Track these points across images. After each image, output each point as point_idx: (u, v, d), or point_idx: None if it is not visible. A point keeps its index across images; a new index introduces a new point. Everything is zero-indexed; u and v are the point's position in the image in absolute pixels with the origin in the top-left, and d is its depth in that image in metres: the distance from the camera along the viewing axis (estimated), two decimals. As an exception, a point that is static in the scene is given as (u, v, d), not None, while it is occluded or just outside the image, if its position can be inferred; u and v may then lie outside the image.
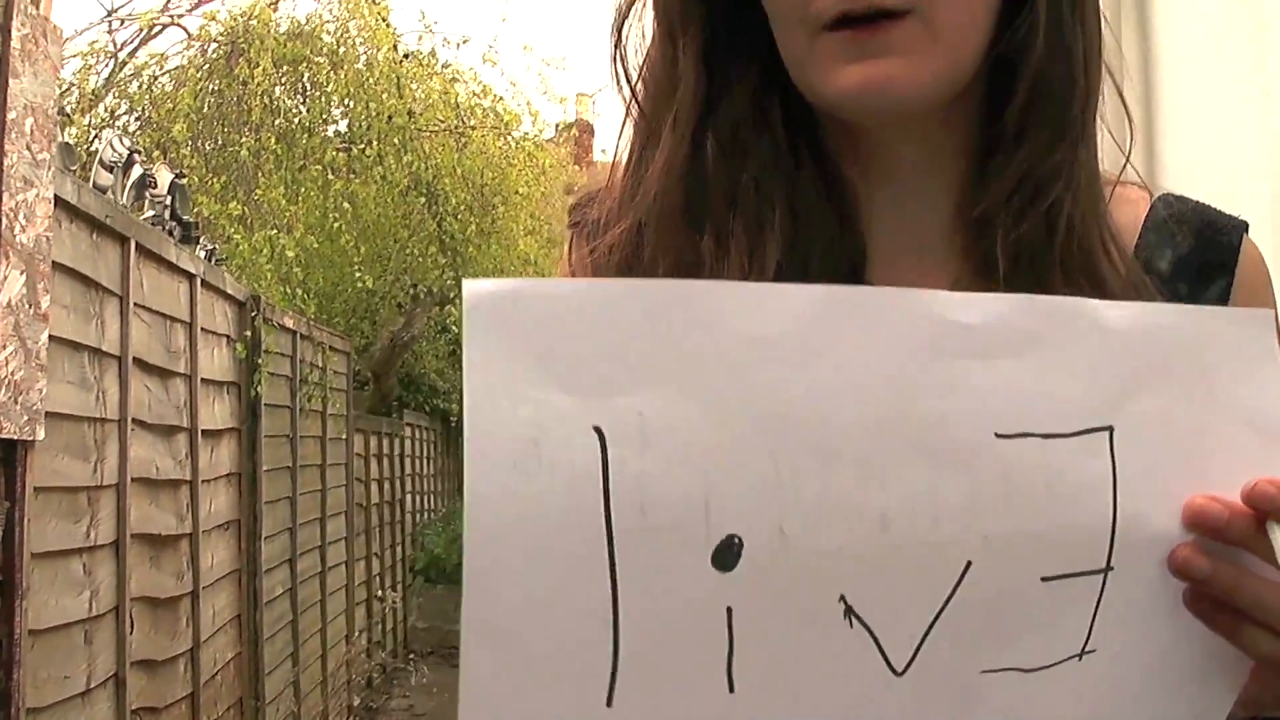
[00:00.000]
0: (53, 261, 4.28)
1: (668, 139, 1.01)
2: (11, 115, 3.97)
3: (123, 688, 5.03)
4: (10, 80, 3.96)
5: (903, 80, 0.91)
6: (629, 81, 1.05)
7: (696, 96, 1.00)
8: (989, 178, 0.98)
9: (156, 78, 9.37)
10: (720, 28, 1.01)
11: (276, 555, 7.74)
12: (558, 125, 33.75)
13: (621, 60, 1.05)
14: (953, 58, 0.93)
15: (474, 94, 12.16)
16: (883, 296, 0.78)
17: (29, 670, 4.12)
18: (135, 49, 10.24)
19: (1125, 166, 1.06)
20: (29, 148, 4.09)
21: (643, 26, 1.05)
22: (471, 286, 0.70)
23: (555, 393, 0.68)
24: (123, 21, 17.60)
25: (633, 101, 1.05)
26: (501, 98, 12.35)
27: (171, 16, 9.80)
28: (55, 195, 4.30)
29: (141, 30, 9.86)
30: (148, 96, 9.17)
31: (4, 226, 3.92)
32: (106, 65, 9.62)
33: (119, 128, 8.69)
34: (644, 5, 1.05)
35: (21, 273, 4.02)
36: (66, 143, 4.99)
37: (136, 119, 9.04)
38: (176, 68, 9.40)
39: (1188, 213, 1.06)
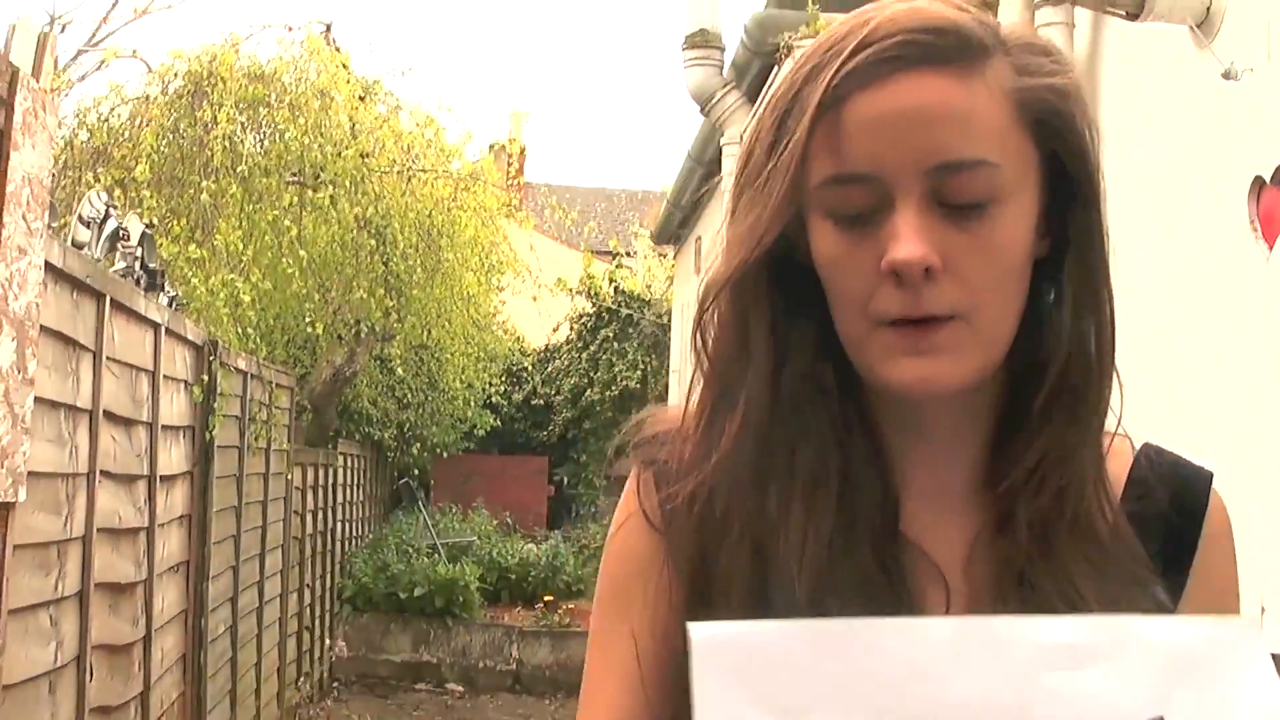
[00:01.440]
0: (40, 326, 4.40)
1: (740, 408, 1.16)
2: (10, 187, 4.09)
3: (80, 735, 5.13)
4: (11, 153, 4.09)
5: (948, 374, 1.09)
6: (707, 350, 1.21)
7: (765, 368, 1.16)
8: (1014, 451, 1.16)
9: (115, 108, 9.43)
10: (783, 297, 1.18)
11: (221, 594, 7.84)
12: (492, 145, 33.85)
13: (701, 335, 1.21)
14: (989, 353, 1.11)
15: (417, 124, 12.34)
16: (999, 626, 1.00)
17: (0, 725, 4.23)
18: (86, 72, 10.30)
19: (1119, 424, 1.22)
20: (24, 217, 4.22)
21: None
22: (699, 631, 0.91)
23: (768, 717, 0.90)
24: (63, 28, 17.52)
25: (705, 364, 1.21)
26: (443, 128, 12.54)
27: (134, 50, 9.88)
28: (45, 260, 4.43)
29: (104, 63, 9.94)
30: (105, 127, 9.23)
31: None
32: (64, 92, 9.68)
33: (78, 165, 8.76)
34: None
35: (13, 340, 4.15)
36: (51, 202, 5.10)
37: (94, 150, 9.09)
38: (137, 98, 9.48)
39: (1165, 468, 1.22)
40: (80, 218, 5.53)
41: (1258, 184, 3.56)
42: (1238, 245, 3.61)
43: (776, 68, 5.42)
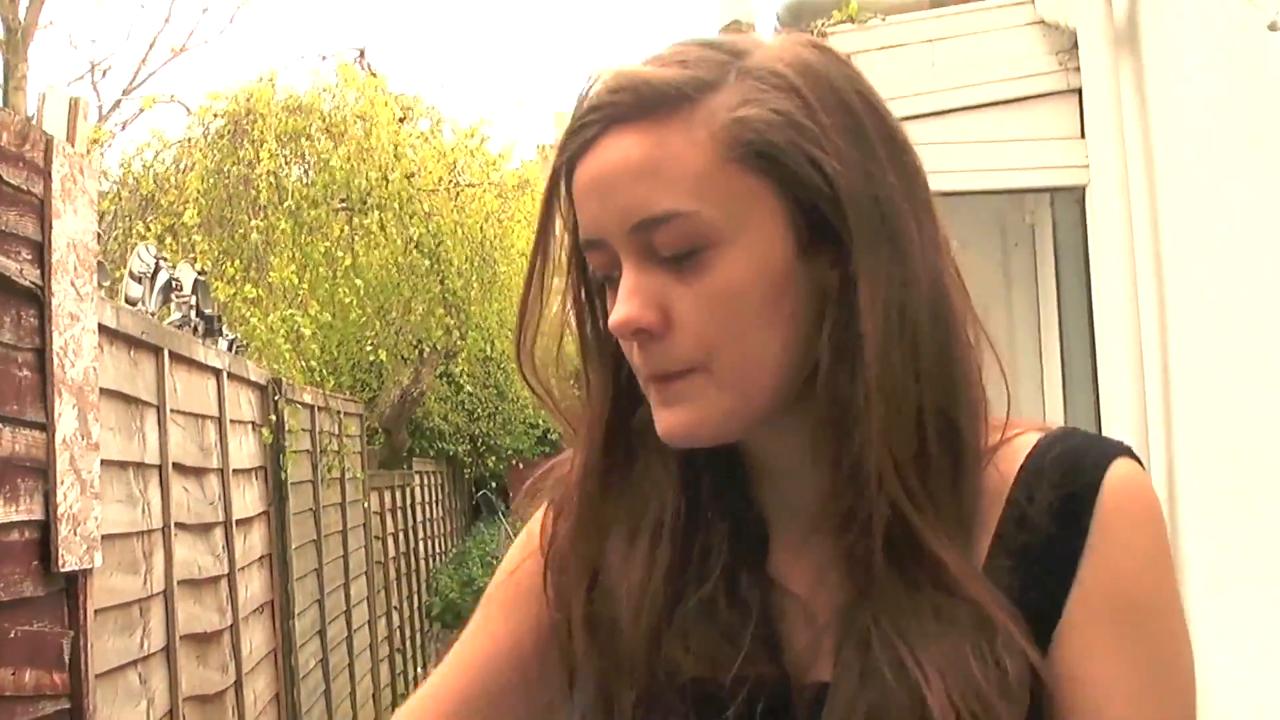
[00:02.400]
0: (99, 389, 4.40)
1: (583, 451, 1.17)
2: (56, 256, 4.10)
3: (179, 787, 5.15)
4: (54, 222, 4.09)
5: (696, 424, 1.06)
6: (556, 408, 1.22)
7: (600, 412, 1.16)
8: (839, 485, 1.08)
9: (159, 154, 9.49)
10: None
11: (308, 629, 7.87)
12: (539, 147, 33.80)
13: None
14: (741, 395, 1.06)
15: (461, 137, 12.34)
16: None
17: (98, 788, 4.25)
18: (126, 119, 10.37)
19: (1007, 417, 1.12)
20: (73, 284, 4.22)
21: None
22: None
23: None
24: (104, 73, 17.62)
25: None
26: (487, 137, 12.54)
27: (172, 94, 9.93)
28: (99, 323, 4.43)
29: (143, 110, 9.99)
30: (150, 174, 9.29)
31: (55, 366, 4.04)
32: (106, 147, 9.75)
33: (125, 215, 8.81)
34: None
35: (74, 407, 4.15)
36: (100, 262, 5.12)
37: (140, 200, 9.15)
38: (179, 141, 9.53)
39: (1056, 461, 1.08)
40: (131, 273, 5.54)
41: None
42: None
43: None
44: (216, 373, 6.22)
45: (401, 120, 10.30)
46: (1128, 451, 1.06)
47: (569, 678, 1.19)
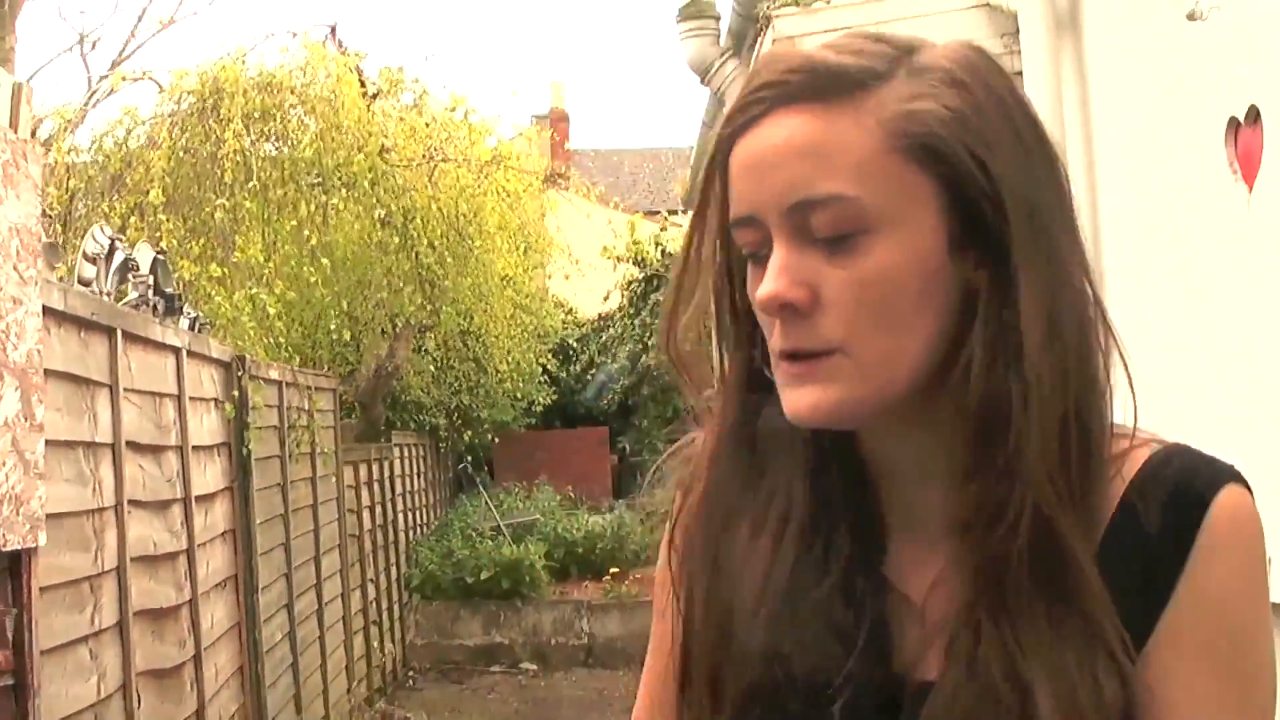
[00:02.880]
0: (44, 370, 4.45)
1: (714, 443, 1.22)
2: (-3, 240, 4.14)
3: (133, 762, 5.22)
4: (-6, 207, 4.13)
5: (825, 404, 1.08)
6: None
7: (735, 405, 1.21)
8: (970, 490, 1.10)
9: (131, 130, 9.51)
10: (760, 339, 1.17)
11: (274, 603, 7.94)
12: (534, 117, 33.82)
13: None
14: (880, 386, 1.07)
15: (446, 107, 12.37)
16: None
17: (44, 764, 4.31)
18: (99, 98, 10.41)
19: (1134, 430, 1.15)
20: (15, 268, 4.26)
21: None
22: None
23: None
24: (93, 45, 17.63)
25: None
26: (473, 109, 12.56)
27: (144, 71, 9.95)
28: (44, 305, 4.47)
29: (114, 90, 10.01)
30: (121, 152, 9.31)
31: (-3, 348, 4.09)
32: (78, 125, 9.78)
33: (95, 192, 8.85)
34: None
35: (16, 389, 4.20)
36: (50, 243, 5.17)
37: (111, 179, 9.18)
38: (150, 119, 9.54)
39: (1166, 478, 1.10)
40: (85, 254, 5.59)
41: (1233, 125, 3.48)
42: (1217, 188, 3.55)
43: (760, 36, 5.37)
44: (175, 351, 6.27)
45: (373, 97, 10.31)
46: (1238, 477, 1.10)
47: (681, 667, 1.22)
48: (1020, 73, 4.57)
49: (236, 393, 7.27)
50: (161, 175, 8.62)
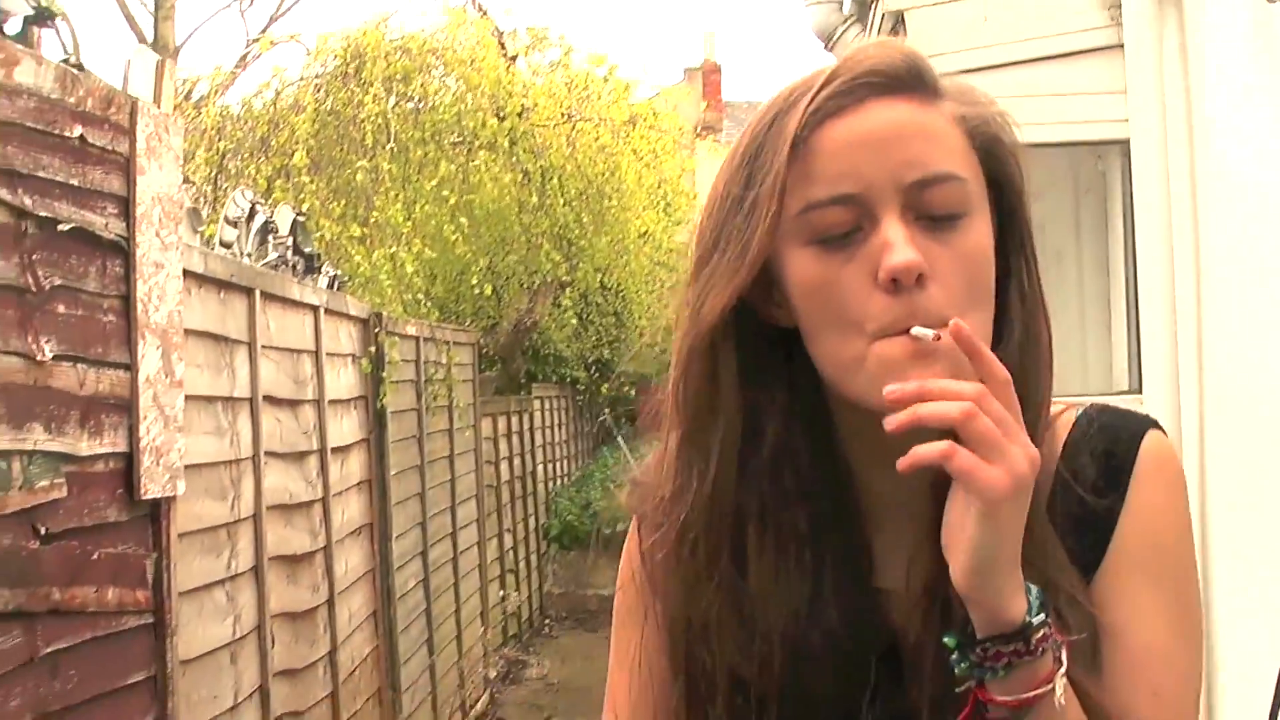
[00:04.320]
0: (184, 329, 4.75)
1: (712, 465, 1.25)
2: (140, 209, 4.43)
3: (267, 697, 5.56)
4: (138, 178, 4.42)
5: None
6: (682, 404, 1.28)
7: (734, 430, 1.24)
8: None
9: (280, 92, 9.88)
10: (750, 359, 1.24)
11: (409, 550, 8.27)
12: (685, 69, 33.69)
13: (681, 388, 1.29)
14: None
15: (589, 64, 12.56)
16: None
17: (181, 696, 4.63)
18: (250, 60, 10.80)
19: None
20: (158, 234, 4.55)
21: None
22: None
23: None
24: (251, 2, 18.08)
25: (682, 423, 1.29)
26: (616, 65, 12.74)
27: (291, 35, 10.30)
28: (184, 269, 4.76)
29: (263, 52, 10.40)
30: (268, 115, 9.67)
31: (140, 310, 4.39)
32: (229, 86, 10.17)
33: (244, 153, 9.22)
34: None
35: (157, 348, 4.50)
36: (193, 208, 5.47)
37: (259, 141, 9.55)
38: (298, 80, 9.90)
39: (1096, 433, 1.25)
40: (226, 218, 5.89)
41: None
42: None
43: (874, 4, 5.45)
44: (313, 309, 6.56)
45: (513, 59, 10.54)
46: (1156, 424, 1.26)
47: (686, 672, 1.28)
48: (1122, 45, 4.59)
49: (373, 348, 7.57)
50: (306, 138, 8.96)
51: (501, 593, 11.57)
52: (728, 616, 1.24)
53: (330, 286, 7.12)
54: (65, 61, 4.10)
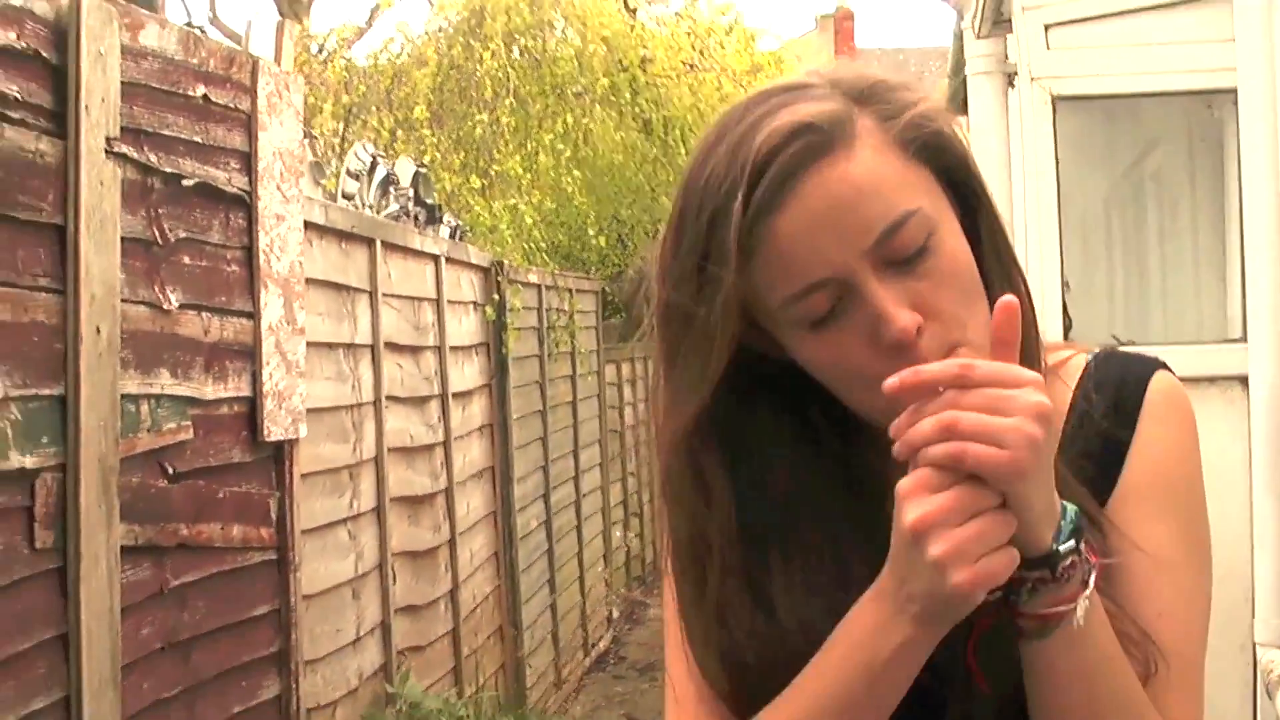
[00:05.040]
0: (306, 279, 4.95)
1: (716, 552, 1.26)
2: (262, 164, 4.62)
3: (388, 632, 5.80)
4: (260, 134, 4.61)
5: None
6: (672, 498, 1.30)
7: (729, 514, 1.26)
8: None
9: (404, 46, 10.10)
10: (735, 436, 1.27)
11: (531, 493, 8.49)
12: (817, 16, 33.33)
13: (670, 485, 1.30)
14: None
15: (716, 9, 12.61)
16: None
17: (304, 629, 4.87)
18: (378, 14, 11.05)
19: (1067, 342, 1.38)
20: (279, 188, 4.75)
21: None
22: None
23: None
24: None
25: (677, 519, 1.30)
26: (741, 14, 12.78)
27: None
28: (305, 221, 4.96)
29: (386, 7, 10.63)
30: (391, 69, 9.89)
31: (262, 261, 4.60)
32: (355, 41, 10.42)
33: (369, 107, 9.47)
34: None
35: (279, 297, 4.71)
36: (315, 162, 5.67)
37: (384, 94, 9.79)
38: (421, 34, 10.12)
39: (1107, 373, 1.31)
40: (348, 171, 6.09)
41: None
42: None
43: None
44: (434, 258, 6.76)
45: (633, 11, 10.62)
46: (1165, 365, 1.32)
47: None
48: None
49: (495, 296, 7.75)
50: (427, 92, 9.16)
51: (625, 535, 11.77)
52: (762, 647, 1.25)
53: (452, 236, 7.32)
54: (188, 24, 4.30)
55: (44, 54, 3.43)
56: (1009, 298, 1.10)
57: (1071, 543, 1.11)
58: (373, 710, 5.49)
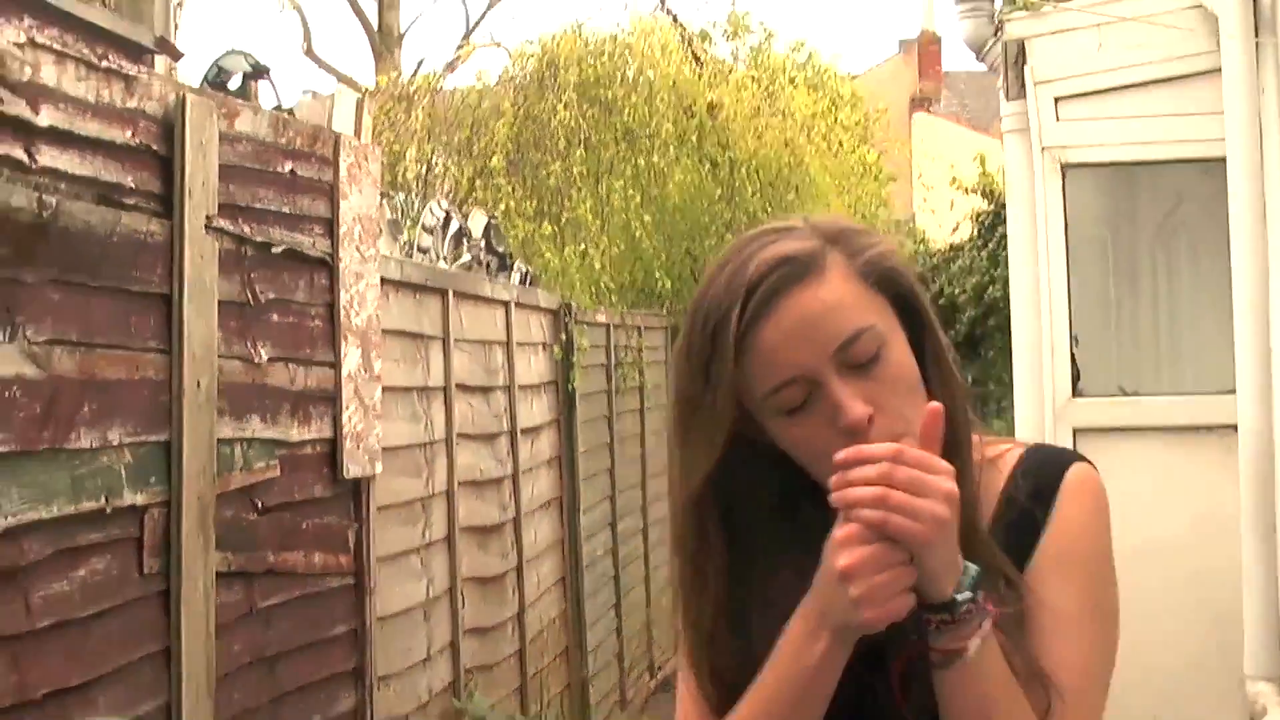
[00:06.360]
0: (382, 330, 5.48)
1: (711, 591, 1.58)
2: (343, 229, 5.17)
3: (458, 651, 6.31)
4: (341, 202, 5.15)
5: None
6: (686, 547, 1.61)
7: (723, 559, 1.57)
8: None
9: (482, 94, 10.68)
10: (732, 492, 1.57)
11: (598, 523, 8.98)
12: (901, 41, 33.40)
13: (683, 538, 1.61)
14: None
15: (790, 49, 13.08)
16: None
17: (379, 647, 5.39)
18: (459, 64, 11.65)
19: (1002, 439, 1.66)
20: (358, 249, 5.29)
21: None
22: None
23: None
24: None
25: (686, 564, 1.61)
26: (815, 51, 13.24)
27: (496, 40, 11.11)
28: (381, 277, 5.50)
29: (461, 60, 11.23)
30: (470, 119, 10.48)
31: (343, 316, 5.13)
32: (436, 89, 11.03)
33: (444, 152, 10.04)
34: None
35: (358, 348, 5.24)
36: (393, 219, 6.22)
37: (462, 141, 10.37)
38: (499, 82, 10.71)
39: (1031, 465, 1.59)
40: (424, 226, 6.65)
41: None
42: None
43: (997, 36, 5.85)
44: (504, 304, 7.29)
45: (698, 60, 11.11)
46: (1084, 458, 1.60)
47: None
48: (1219, 70, 4.92)
49: (564, 336, 8.27)
50: (504, 141, 9.72)
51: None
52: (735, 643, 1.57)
53: (522, 282, 7.85)
54: (276, 108, 4.85)
55: (154, 147, 3.99)
56: (935, 404, 1.41)
57: (969, 594, 1.39)
58: (442, 723, 6.01)
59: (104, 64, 3.75)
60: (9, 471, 3.29)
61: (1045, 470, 1.57)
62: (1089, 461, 1.60)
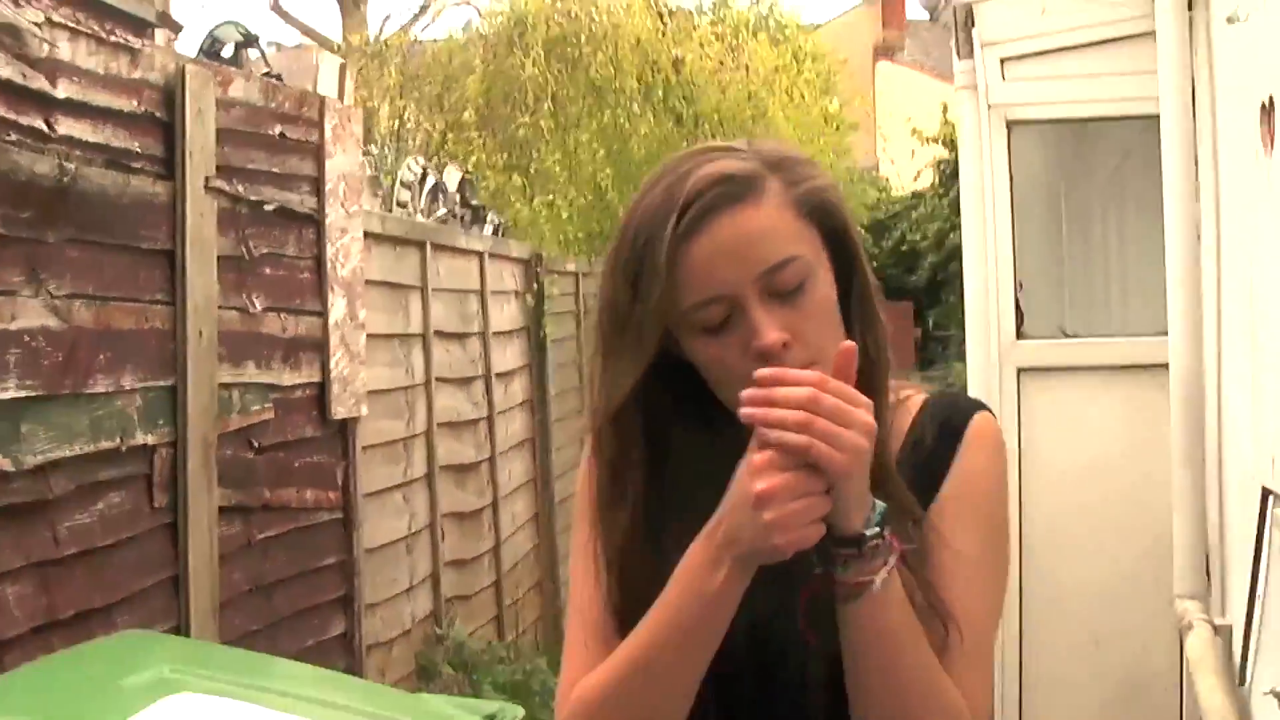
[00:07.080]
0: (366, 280, 5.81)
1: (629, 492, 1.54)
2: (329, 185, 5.48)
3: (438, 583, 6.69)
4: (326, 161, 5.47)
5: None
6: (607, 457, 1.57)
7: (641, 470, 1.54)
8: None
9: (453, 54, 10.97)
10: (653, 408, 1.54)
11: (568, 462, 9.34)
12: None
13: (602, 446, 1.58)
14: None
15: (753, 1, 13.36)
16: None
17: (366, 578, 5.75)
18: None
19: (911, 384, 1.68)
20: (342, 205, 5.61)
21: None
22: None
23: None
24: None
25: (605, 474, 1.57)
26: (775, 2, 13.53)
27: (467, -1, 11.40)
28: (364, 231, 5.83)
29: (437, 15, 11.52)
30: (441, 76, 10.75)
31: (329, 268, 5.46)
32: (408, 48, 11.30)
33: (416, 107, 10.33)
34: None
35: (343, 298, 5.57)
36: (373, 175, 6.54)
37: (435, 98, 10.66)
38: (468, 39, 11.00)
39: (937, 410, 1.60)
40: (402, 182, 6.97)
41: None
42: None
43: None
44: (479, 254, 7.62)
45: (661, 15, 11.38)
46: (986, 406, 1.63)
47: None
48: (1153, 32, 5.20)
49: (535, 285, 8.61)
50: (475, 97, 10.02)
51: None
52: (651, 564, 1.51)
53: (495, 233, 8.17)
54: (266, 74, 5.16)
55: (157, 114, 4.31)
56: (848, 343, 1.39)
57: (876, 529, 1.38)
58: (425, 649, 6.39)
59: (112, 38, 4.06)
60: (36, 414, 3.62)
61: (951, 416, 1.59)
62: (990, 410, 1.64)
